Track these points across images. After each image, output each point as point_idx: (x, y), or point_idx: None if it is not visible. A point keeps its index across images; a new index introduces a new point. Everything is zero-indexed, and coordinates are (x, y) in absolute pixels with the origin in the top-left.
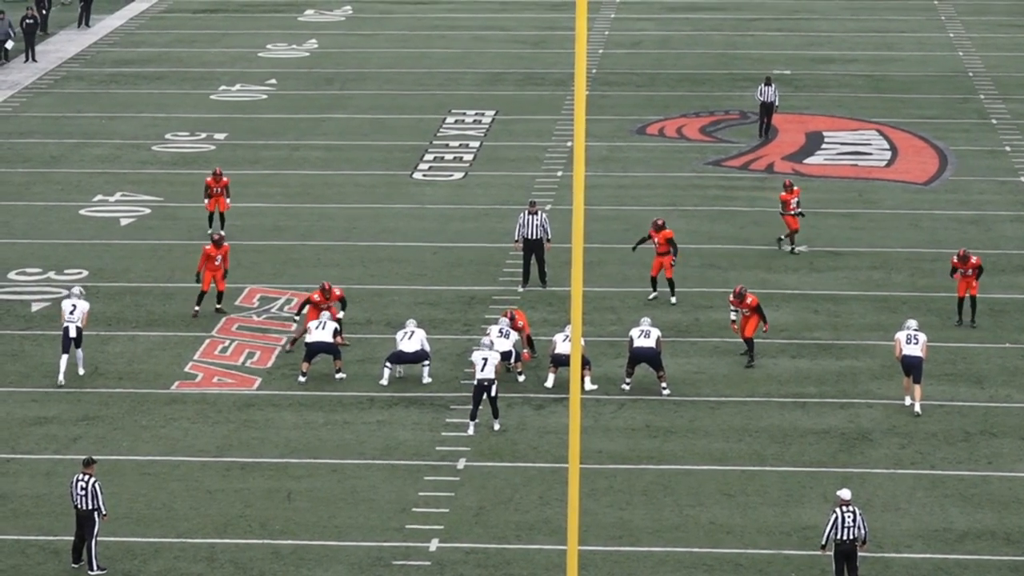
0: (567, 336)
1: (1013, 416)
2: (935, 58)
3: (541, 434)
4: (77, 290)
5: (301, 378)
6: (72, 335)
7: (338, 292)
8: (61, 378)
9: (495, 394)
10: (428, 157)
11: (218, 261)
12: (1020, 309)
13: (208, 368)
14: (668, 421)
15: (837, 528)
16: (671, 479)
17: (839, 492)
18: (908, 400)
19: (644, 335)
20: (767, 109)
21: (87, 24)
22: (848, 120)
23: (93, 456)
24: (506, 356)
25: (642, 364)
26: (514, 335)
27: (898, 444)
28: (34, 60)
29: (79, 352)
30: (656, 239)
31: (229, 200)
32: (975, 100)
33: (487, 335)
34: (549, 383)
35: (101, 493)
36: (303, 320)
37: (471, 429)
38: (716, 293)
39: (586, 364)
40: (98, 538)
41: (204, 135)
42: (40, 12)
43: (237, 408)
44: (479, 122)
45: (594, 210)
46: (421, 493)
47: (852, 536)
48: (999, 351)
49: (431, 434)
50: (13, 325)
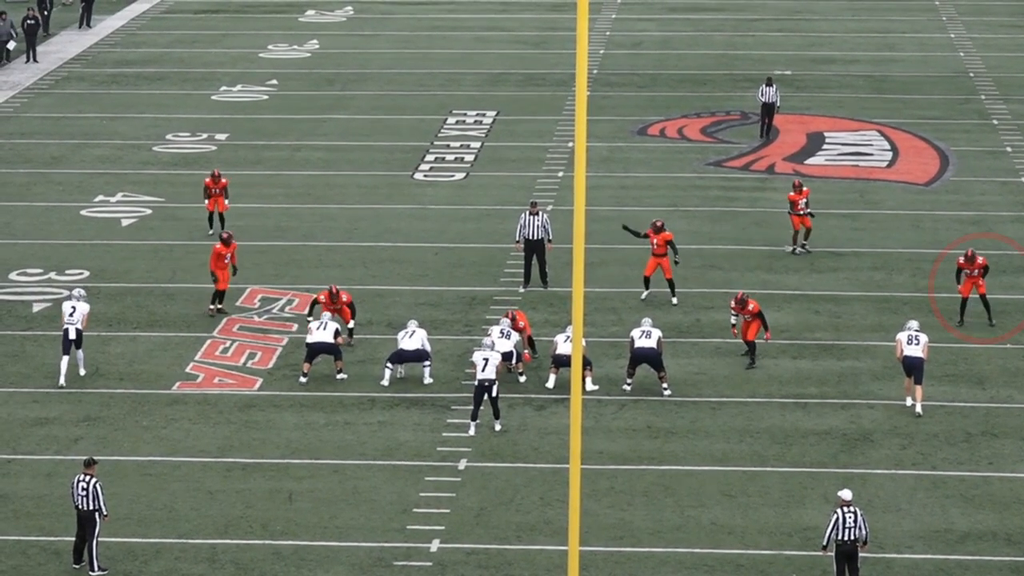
0: (568, 337)
1: (1014, 417)
2: (936, 59)
3: (542, 435)
4: (78, 291)
5: (302, 379)
6: (72, 337)
7: (346, 297)
8: (62, 380)
9: (496, 395)
10: (429, 158)
11: (227, 260)
12: (1021, 310)
13: (209, 369)
14: (669, 422)
15: (838, 529)
16: (672, 480)
17: (840, 493)
18: (909, 401)
19: (645, 336)
20: (768, 110)
21: (88, 25)
22: (849, 121)
23: (94, 457)
24: (507, 357)
25: (643, 365)
26: (515, 336)
27: (899, 445)
28: (35, 61)
29: (80, 353)
30: (655, 240)
31: (228, 201)
32: (976, 101)
33: (488, 336)
34: (550, 384)
35: (102, 494)
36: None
37: (472, 430)
38: (717, 294)
39: (587, 365)
40: (99, 539)
41: (205, 136)
42: (41, 13)
43: (238, 409)
44: (480, 123)
45: (595, 211)
46: (422, 494)
47: (853, 537)
48: (1000, 352)
49: (432, 435)
50: (14, 326)
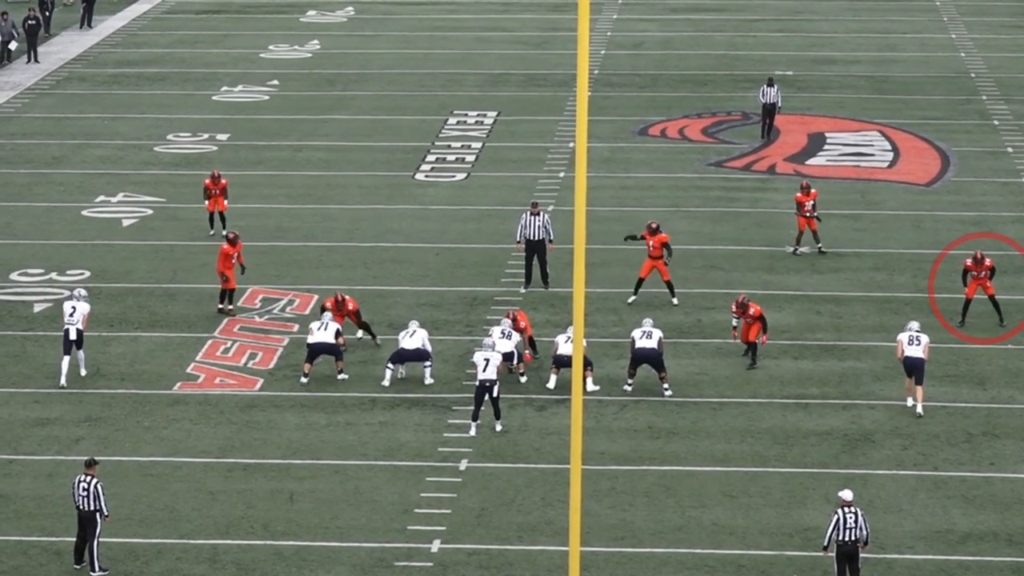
0: (569, 337)
1: (1015, 417)
2: (937, 59)
3: (543, 435)
4: (80, 292)
5: (303, 379)
6: (72, 337)
7: (352, 305)
8: (63, 380)
9: (497, 395)
10: (430, 158)
11: (234, 259)
12: (1022, 310)
13: (210, 369)
14: (670, 422)
15: (839, 529)
16: (673, 480)
17: (841, 493)
18: (910, 401)
19: (646, 336)
20: (769, 110)
21: (89, 25)
22: (850, 121)
23: (95, 457)
24: (508, 357)
25: (644, 365)
26: (516, 336)
27: (900, 445)
28: (36, 61)
29: (80, 353)
30: (650, 242)
31: (227, 201)
32: (977, 101)
33: (489, 336)
34: (551, 384)
35: (103, 494)
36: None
37: (473, 430)
38: (718, 294)
39: (588, 365)
40: (100, 539)
41: (206, 136)
42: (42, 13)
43: (239, 409)
44: (481, 123)
45: (596, 211)
46: (423, 494)
47: (854, 537)
48: (1001, 352)
49: (433, 435)
50: (15, 326)
